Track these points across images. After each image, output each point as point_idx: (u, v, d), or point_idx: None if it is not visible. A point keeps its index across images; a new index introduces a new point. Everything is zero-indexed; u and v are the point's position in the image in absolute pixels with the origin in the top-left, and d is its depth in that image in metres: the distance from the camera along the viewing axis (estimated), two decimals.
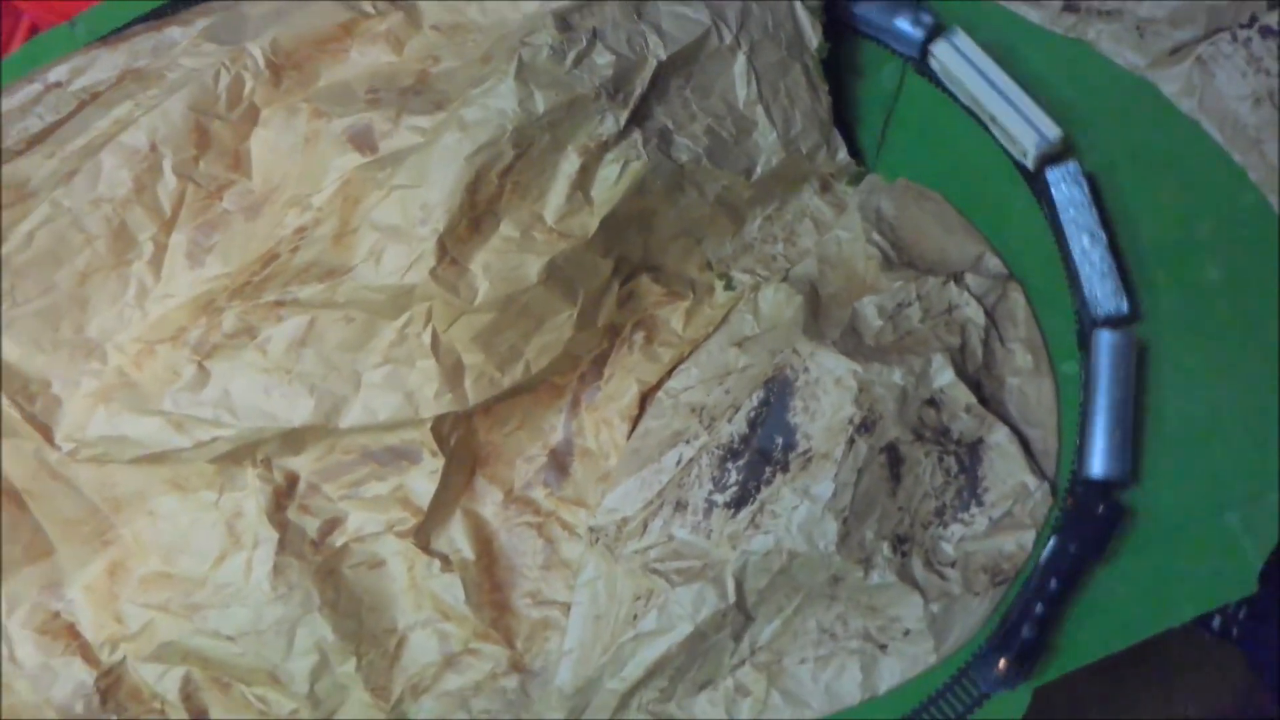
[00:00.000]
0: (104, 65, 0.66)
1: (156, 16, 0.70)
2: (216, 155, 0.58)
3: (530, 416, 0.58)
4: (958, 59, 0.58)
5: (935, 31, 0.59)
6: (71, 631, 0.59)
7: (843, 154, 0.60)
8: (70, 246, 0.56)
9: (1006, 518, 0.53)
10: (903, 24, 0.58)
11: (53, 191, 0.57)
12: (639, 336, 0.58)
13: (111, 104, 0.60)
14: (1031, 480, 0.53)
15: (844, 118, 0.62)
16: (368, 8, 0.60)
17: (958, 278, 0.56)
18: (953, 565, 0.53)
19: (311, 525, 0.56)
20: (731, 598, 0.52)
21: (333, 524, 0.56)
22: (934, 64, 0.59)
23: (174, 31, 0.65)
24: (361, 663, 0.56)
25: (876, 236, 0.59)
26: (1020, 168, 0.58)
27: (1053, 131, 0.56)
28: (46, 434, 0.55)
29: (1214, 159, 0.58)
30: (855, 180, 0.61)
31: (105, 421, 0.54)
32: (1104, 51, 0.62)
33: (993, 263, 0.58)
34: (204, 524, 0.57)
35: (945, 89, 0.62)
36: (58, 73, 0.67)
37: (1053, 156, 0.57)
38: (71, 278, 0.56)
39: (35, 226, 0.56)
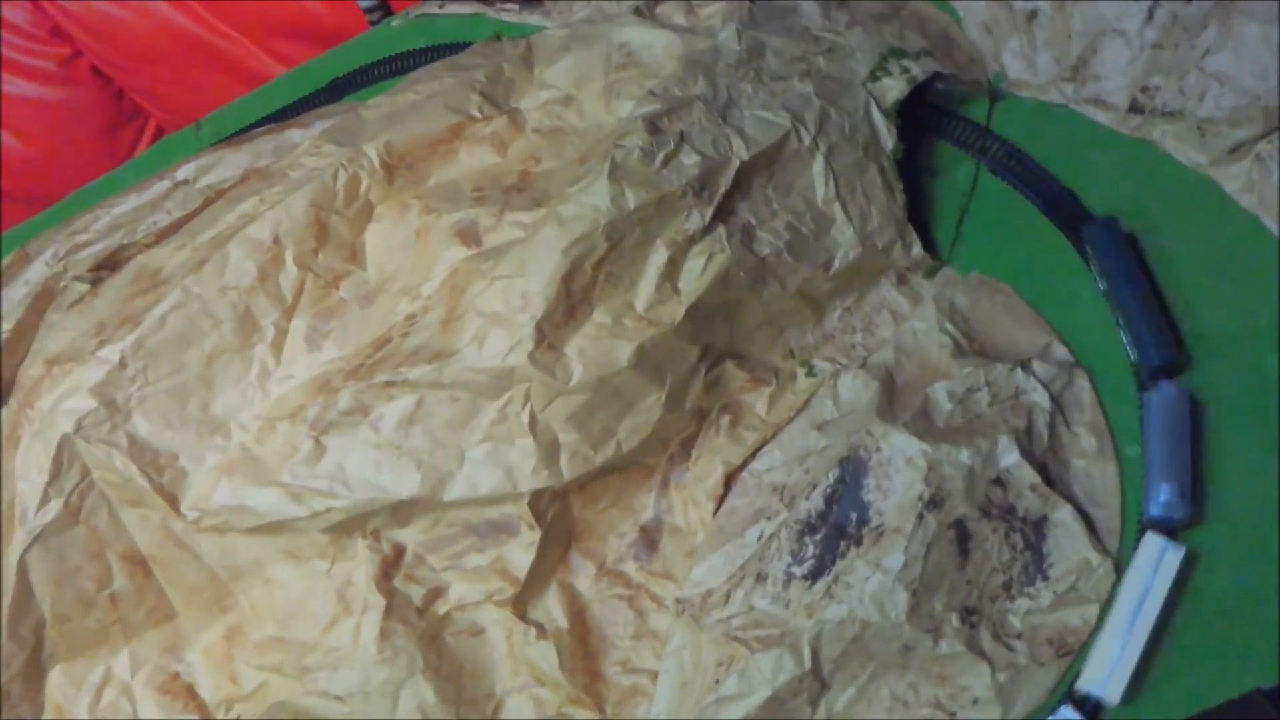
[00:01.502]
0: (228, 164, 0.76)
1: (277, 119, 0.79)
2: (334, 248, 0.66)
3: (622, 495, 0.65)
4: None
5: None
6: (190, 692, 0.66)
7: (917, 249, 0.67)
8: (199, 330, 0.64)
9: (1071, 592, 0.59)
10: None
11: (184, 279, 0.65)
12: (725, 420, 0.65)
13: (238, 200, 0.68)
14: (1095, 556, 0.58)
15: (919, 214, 0.69)
16: (475, 113, 0.69)
17: (1025, 365, 0.62)
18: (1019, 637, 0.58)
19: (416, 593, 0.63)
20: (808, 664, 0.58)
21: (436, 593, 0.63)
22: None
23: (294, 134, 0.74)
24: None
25: (949, 326, 0.65)
26: None
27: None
28: (173, 503, 0.63)
29: (1273, 251, 0.63)
30: (930, 274, 0.67)
31: (228, 492, 0.62)
32: (1168, 150, 0.68)
33: (1060, 351, 0.64)
34: (316, 592, 0.63)
35: (1018, 190, 0.69)
36: (185, 171, 0.76)
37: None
38: (200, 359, 0.64)
39: (167, 311, 0.64)
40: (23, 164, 1.19)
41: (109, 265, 0.78)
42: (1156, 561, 0.57)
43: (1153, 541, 0.57)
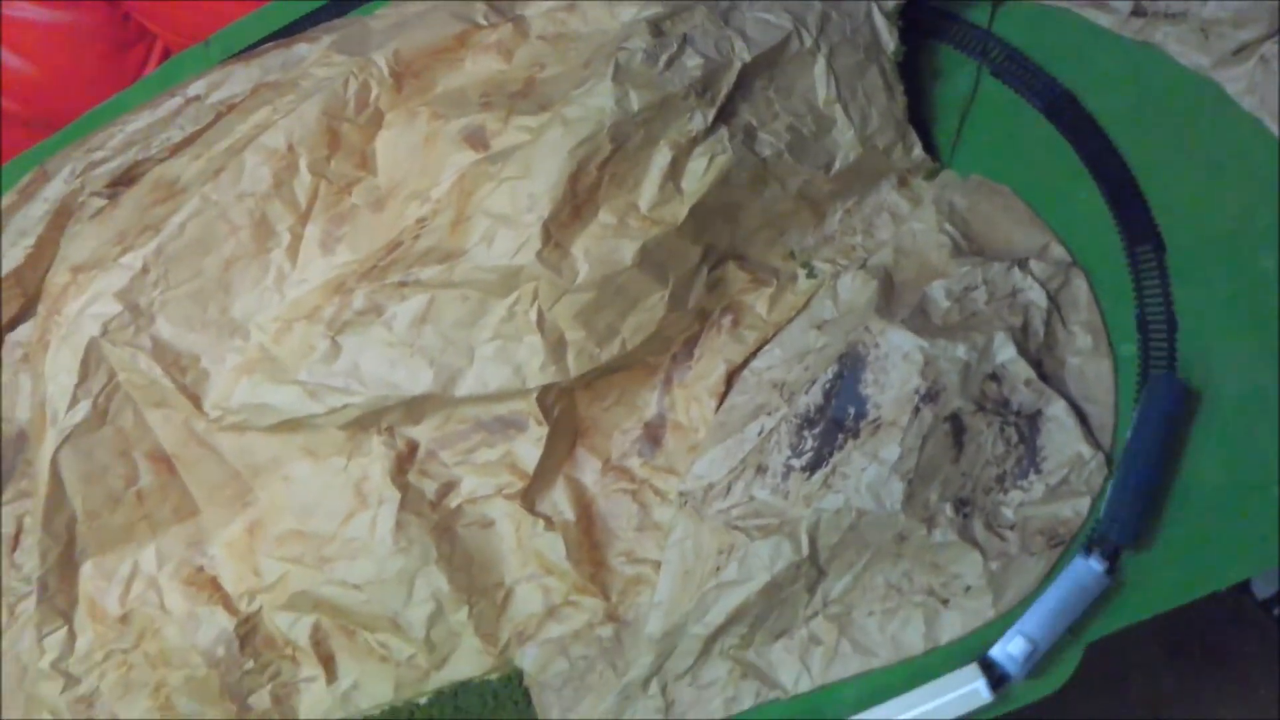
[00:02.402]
0: (238, 79, 0.78)
1: (285, 34, 0.81)
2: (346, 155, 0.69)
3: (626, 393, 0.68)
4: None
5: None
6: (214, 584, 0.70)
7: (918, 151, 0.69)
8: (217, 236, 0.67)
9: (1063, 485, 0.61)
10: None
11: (201, 188, 0.68)
12: (726, 320, 0.68)
13: (251, 110, 0.71)
14: (1087, 450, 0.61)
15: (920, 117, 0.70)
16: (481, 20, 0.71)
17: (1023, 264, 0.65)
18: (1011, 528, 0.61)
19: (429, 488, 0.66)
20: (805, 551, 0.61)
21: (448, 487, 0.67)
22: None
23: (302, 47, 0.77)
24: (473, 612, 0.65)
25: (948, 227, 0.67)
26: None
27: None
28: (196, 403, 0.66)
29: (1273, 153, 0.65)
30: (930, 176, 0.70)
31: (248, 391, 0.65)
32: (1171, 53, 0.70)
33: (1057, 251, 0.66)
34: (334, 487, 0.67)
35: (1019, 93, 0.71)
36: (196, 87, 0.79)
37: None
38: (218, 264, 0.67)
39: (186, 218, 0.68)
40: (32, 87, 1.21)
41: (125, 180, 0.81)
42: (962, 685, 0.60)
43: (969, 672, 0.60)
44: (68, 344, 0.65)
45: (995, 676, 0.59)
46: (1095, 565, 0.58)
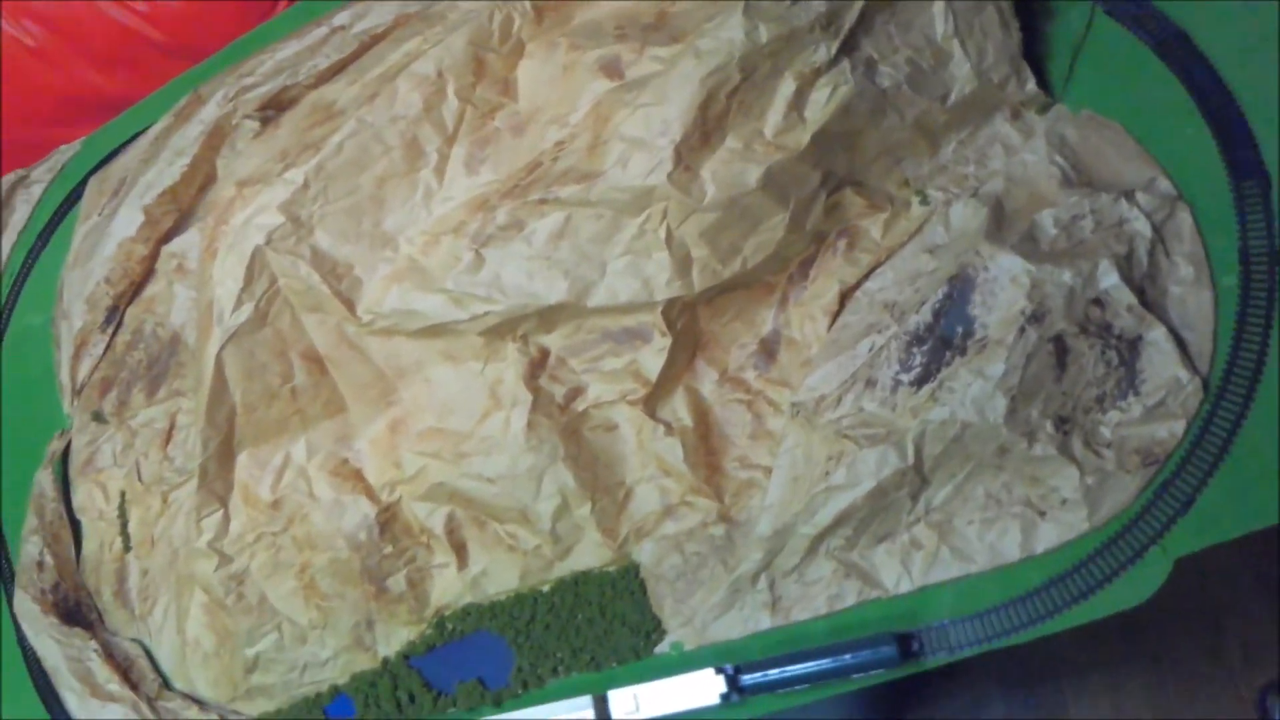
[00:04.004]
0: (380, 11, 0.84)
1: None
2: (490, 82, 0.75)
3: (745, 310, 0.73)
4: None
5: None
6: (358, 475, 0.77)
7: (1031, 85, 0.73)
8: (372, 156, 0.74)
9: (1160, 407, 0.65)
10: None
11: (358, 111, 0.74)
12: (842, 243, 0.72)
13: (402, 40, 0.77)
14: (1184, 375, 0.65)
15: (1034, 53, 0.74)
16: None
17: (1129, 195, 0.68)
18: (1108, 446, 0.66)
19: (559, 392, 0.72)
20: (910, 460, 0.66)
21: (576, 392, 0.73)
22: None
23: None
24: (595, 508, 0.71)
25: (1059, 159, 0.71)
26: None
27: None
28: (350, 308, 0.73)
29: None
30: (1043, 110, 0.74)
31: (398, 298, 0.72)
32: None
33: (1164, 185, 0.70)
34: (471, 388, 0.73)
35: (1132, 31, 0.75)
36: (341, 18, 0.85)
37: None
38: (372, 181, 0.74)
39: (344, 139, 0.74)
40: (178, 19, 1.29)
41: (275, 105, 0.88)
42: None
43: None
44: (234, 252, 0.72)
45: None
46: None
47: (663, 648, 0.70)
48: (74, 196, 0.98)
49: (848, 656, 0.64)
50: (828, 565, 0.67)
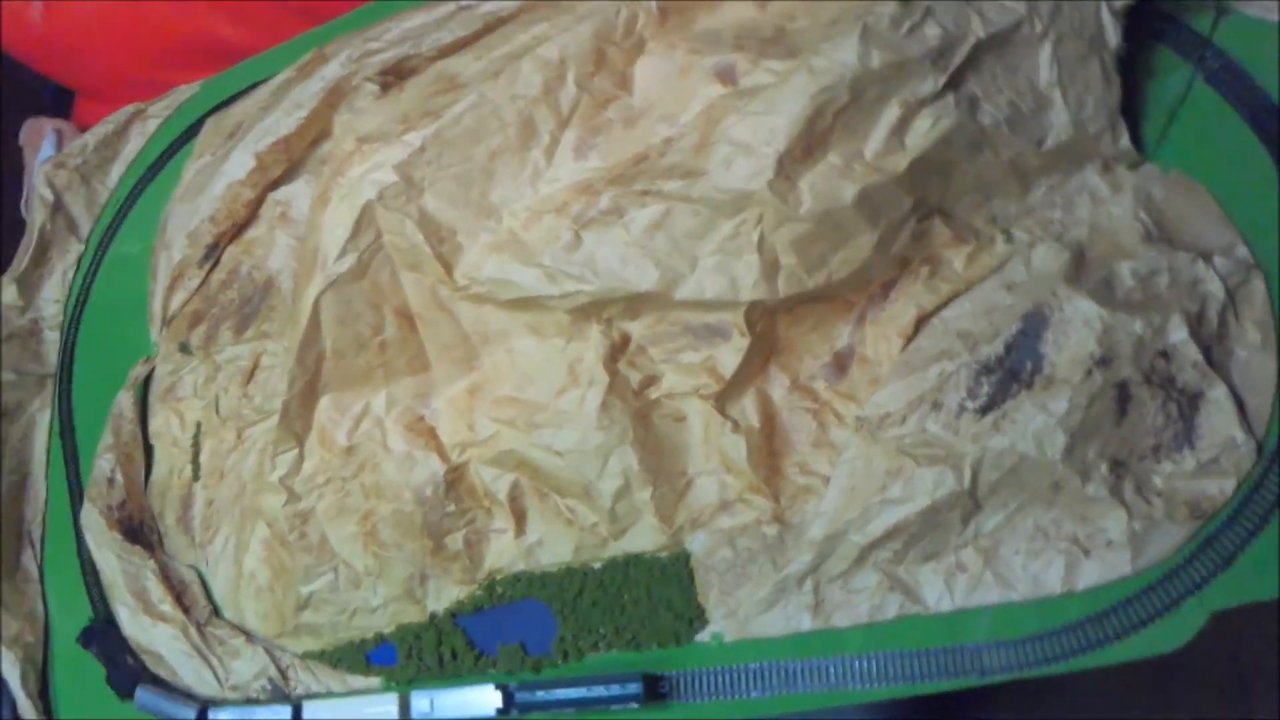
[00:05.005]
0: None
1: None
2: (608, 74, 0.78)
3: (823, 321, 0.76)
4: None
5: None
6: (431, 433, 0.80)
7: (1125, 141, 0.76)
8: (488, 129, 0.78)
9: (1213, 464, 0.68)
10: None
11: (481, 85, 0.78)
12: (924, 270, 0.76)
13: (531, 24, 0.81)
14: (1241, 435, 0.68)
15: (1131, 111, 0.77)
16: None
17: (1207, 257, 0.71)
18: (1159, 494, 0.68)
19: (635, 377, 0.76)
20: (966, 484, 0.69)
21: (651, 379, 0.76)
22: None
23: None
24: (655, 493, 0.74)
25: (1143, 214, 0.74)
26: None
27: None
28: (448, 270, 0.77)
29: None
30: (1134, 166, 0.77)
31: (496, 267, 0.76)
32: None
33: (1242, 251, 0.72)
34: (552, 363, 0.77)
35: (1229, 101, 0.78)
36: None
37: None
38: (485, 154, 0.78)
39: (464, 110, 0.78)
40: None
41: (394, 72, 0.92)
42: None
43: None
44: (346, 202, 0.76)
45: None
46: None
47: (703, 636, 0.73)
48: (187, 134, 1.02)
49: (600, 689, 0.72)
50: (874, 576, 0.70)
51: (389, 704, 0.76)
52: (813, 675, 0.71)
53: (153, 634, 0.82)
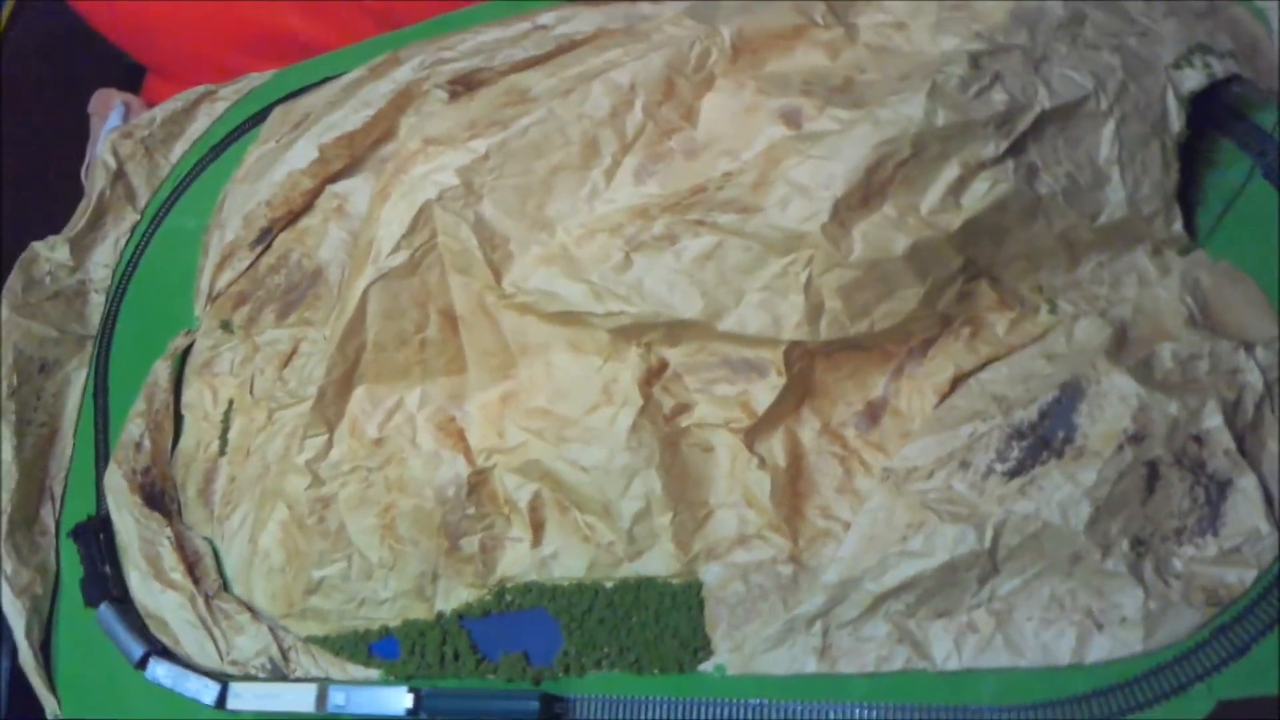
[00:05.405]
0: (583, 20, 0.90)
1: None
2: (675, 105, 0.80)
3: (860, 370, 0.77)
4: None
5: None
6: (460, 435, 0.81)
7: (1178, 226, 0.76)
8: (552, 145, 0.79)
9: (1235, 552, 0.68)
10: None
11: (550, 101, 0.79)
12: (966, 330, 0.76)
13: (604, 49, 0.82)
14: (1266, 527, 0.68)
15: (1187, 197, 0.77)
16: (818, 19, 0.81)
17: (1249, 347, 0.71)
18: (1177, 577, 0.69)
19: (668, 403, 0.76)
20: (987, 544, 0.69)
21: (683, 407, 0.77)
22: None
23: (644, 7, 0.89)
24: (675, 519, 0.75)
25: (1189, 300, 0.75)
26: None
27: None
28: (497, 277, 0.78)
29: None
30: (1184, 251, 0.77)
31: (545, 279, 0.77)
32: None
33: None
34: (587, 379, 0.77)
35: None
36: (546, 18, 0.91)
37: None
38: (546, 168, 0.79)
39: (531, 124, 0.79)
40: None
41: (464, 83, 0.94)
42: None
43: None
44: (406, 200, 0.77)
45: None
46: None
47: (706, 667, 0.73)
48: (254, 119, 1.04)
49: (500, 703, 0.73)
50: (884, 626, 0.70)
51: (307, 694, 0.77)
52: (813, 716, 0.71)
53: (160, 600, 0.83)
